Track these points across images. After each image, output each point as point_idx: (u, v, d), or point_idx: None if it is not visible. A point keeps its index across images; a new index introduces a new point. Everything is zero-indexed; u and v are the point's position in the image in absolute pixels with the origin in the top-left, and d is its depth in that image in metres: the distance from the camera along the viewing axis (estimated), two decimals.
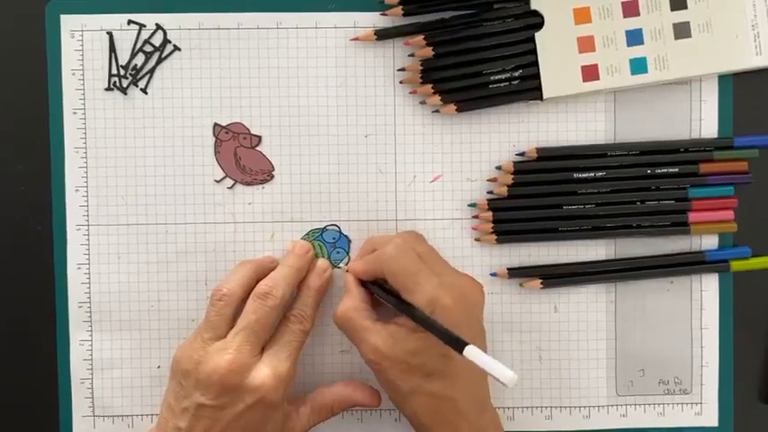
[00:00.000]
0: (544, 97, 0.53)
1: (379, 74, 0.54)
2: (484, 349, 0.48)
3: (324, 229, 0.54)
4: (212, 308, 0.49)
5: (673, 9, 0.53)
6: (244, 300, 0.50)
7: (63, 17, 0.53)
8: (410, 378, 0.48)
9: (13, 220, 0.54)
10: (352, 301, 0.50)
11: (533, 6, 0.53)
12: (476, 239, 0.54)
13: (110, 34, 0.53)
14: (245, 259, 0.53)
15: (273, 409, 0.48)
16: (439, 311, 0.47)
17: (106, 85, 0.53)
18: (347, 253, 0.54)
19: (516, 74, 0.53)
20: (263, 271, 0.51)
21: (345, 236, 0.54)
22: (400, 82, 0.54)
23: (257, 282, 0.50)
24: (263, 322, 0.49)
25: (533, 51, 0.53)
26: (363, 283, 0.51)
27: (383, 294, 0.50)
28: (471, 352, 0.43)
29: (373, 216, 0.54)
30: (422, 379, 0.48)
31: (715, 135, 0.54)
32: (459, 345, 0.44)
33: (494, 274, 0.54)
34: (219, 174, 0.54)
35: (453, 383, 0.48)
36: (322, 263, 0.53)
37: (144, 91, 0.53)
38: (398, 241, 0.50)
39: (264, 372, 0.48)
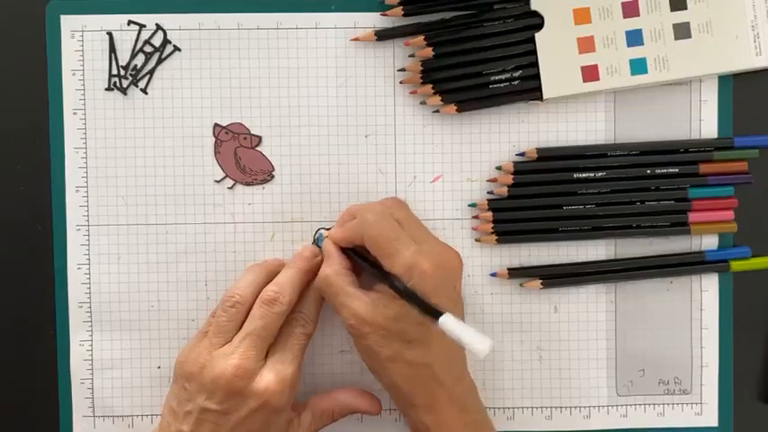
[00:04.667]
0: (544, 97, 0.53)
1: (380, 74, 0.54)
2: (461, 317, 0.48)
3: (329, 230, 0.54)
4: (224, 314, 0.49)
5: (673, 9, 0.53)
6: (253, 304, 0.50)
7: (63, 17, 0.53)
8: (389, 345, 0.48)
9: (13, 220, 0.54)
10: (332, 266, 0.49)
11: (533, 6, 0.53)
12: (476, 239, 0.54)
13: (110, 34, 0.53)
14: (254, 263, 0.53)
15: (278, 414, 0.48)
16: (417, 277, 0.47)
17: (106, 86, 0.53)
18: None
19: (516, 74, 0.53)
20: (273, 275, 0.51)
21: None
22: (400, 82, 0.54)
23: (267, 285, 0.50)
24: (270, 328, 0.49)
25: (533, 52, 0.53)
26: (344, 251, 0.51)
27: (362, 262, 0.50)
28: (446, 321, 0.43)
29: None
30: (401, 346, 0.48)
31: (715, 135, 0.54)
32: (434, 314, 0.44)
33: (494, 274, 0.55)
34: (219, 174, 0.54)
35: (430, 351, 0.48)
36: None
37: (144, 91, 0.53)
38: (378, 208, 0.50)
39: (269, 376, 0.48)
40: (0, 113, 0.54)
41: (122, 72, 0.53)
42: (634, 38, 0.53)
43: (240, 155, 0.54)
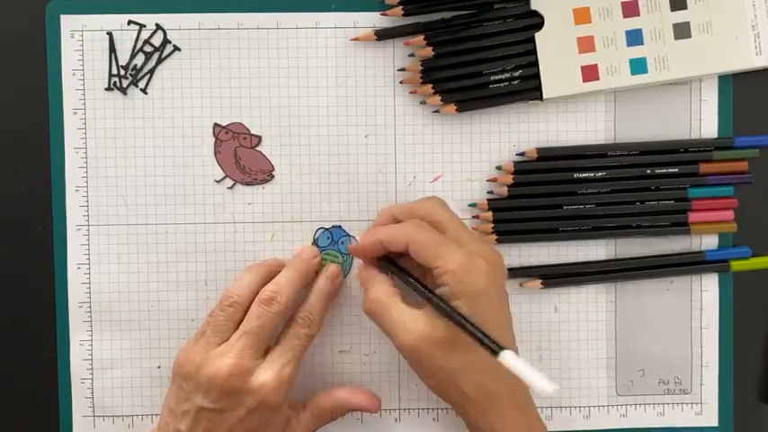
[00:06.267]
0: (544, 97, 0.53)
1: (379, 74, 0.54)
2: (510, 322, 0.48)
3: (329, 230, 0.54)
4: (222, 313, 0.49)
5: (673, 9, 0.53)
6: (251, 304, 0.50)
7: (63, 17, 0.53)
8: (455, 355, 0.46)
9: (13, 220, 0.54)
10: (382, 288, 0.48)
11: (533, 6, 0.53)
12: None
13: (110, 34, 0.53)
14: (254, 263, 0.53)
15: (274, 412, 0.48)
16: (473, 274, 0.46)
17: (106, 86, 0.53)
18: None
19: (516, 74, 0.53)
20: (272, 275, 0.51)
21: (353, 236, 0.54)
22: (400, 82, 0.54)
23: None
24: (267, 328, 0.49)
25: (533, 51, 0.53)
26: (383, 266, 0.50)
27: (408, 280, 0.48)
28: (507, 359, 0.41)
29: (373, 216, 0.54)
30: (465, 353, 0.46)
31: (715, 135, 0.54)
32: (494, 347, 0.42)
33: None
34: (219, 174, 0.54)
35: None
36: (334, 268, 0.53)
37: (144, 91, 0.53)
38: (417, 220, 0.49)
39: (266, 375, 0.48)
40: (0, 113, 0.54)
41: (122, 72, 0.53)
42: (634, 37, 0.53)
43: (240, 155, 0.54)
